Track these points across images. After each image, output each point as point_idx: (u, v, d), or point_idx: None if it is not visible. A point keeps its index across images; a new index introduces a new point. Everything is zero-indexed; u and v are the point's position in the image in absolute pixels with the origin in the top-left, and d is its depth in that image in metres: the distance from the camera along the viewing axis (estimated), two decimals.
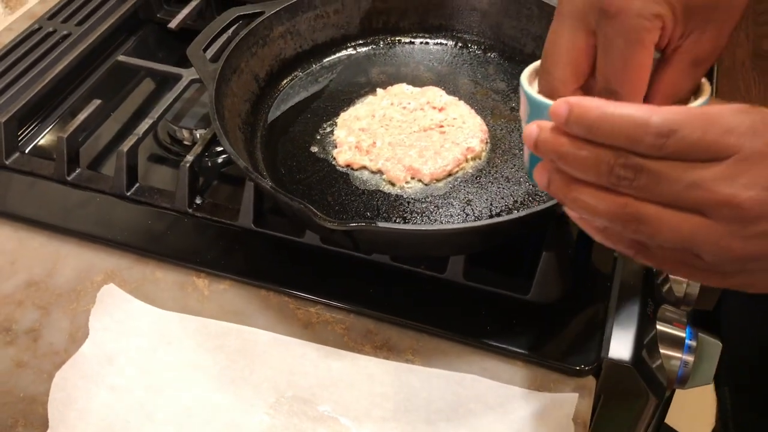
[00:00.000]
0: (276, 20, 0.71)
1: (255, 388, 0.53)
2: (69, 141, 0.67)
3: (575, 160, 0.38)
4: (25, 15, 0.88)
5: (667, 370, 0.57)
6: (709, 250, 0.37)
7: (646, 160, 0.36)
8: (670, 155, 0.36)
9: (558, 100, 0.38)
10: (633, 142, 0.36)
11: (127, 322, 0.57)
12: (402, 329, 0.57)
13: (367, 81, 0.74)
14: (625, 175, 0.37)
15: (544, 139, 0.39)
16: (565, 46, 0.44)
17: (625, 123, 0.36)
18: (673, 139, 0.35)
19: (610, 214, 0.38)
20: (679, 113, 0.36)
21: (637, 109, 0.36)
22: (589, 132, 0.37)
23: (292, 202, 0.52)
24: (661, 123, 0.35)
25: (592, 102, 0.37)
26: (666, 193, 0.36)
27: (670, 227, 0.37)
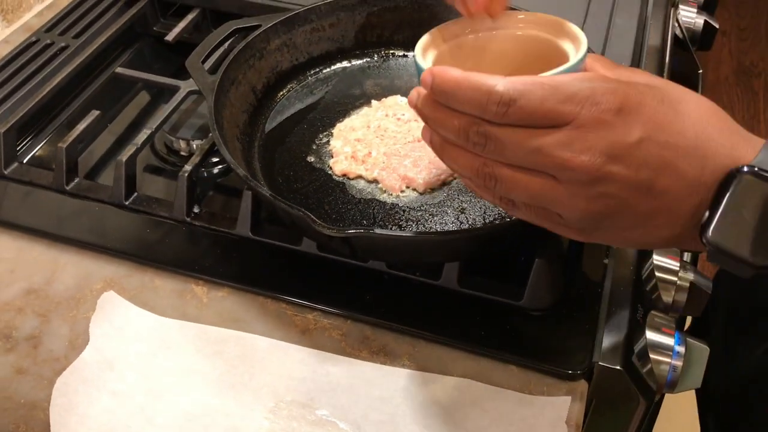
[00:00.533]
0: (273, 33, 0.73)
1: (254, 393, 0.54)
2: (68, 151, 0.68)
3: (440, 125, 0.42)
4: (22, 27, 0.89)
5: (657, 374, 0.58)
6: (560, 209, 0.41)
7: (492, 127, 0.40)
8: (513, 122, 0.39)
9: (426, 70, 0.42)
10: (481, 109, 0.39)
11: (127, 328, 0.58)
12: (398, 335, 0.58)
13: (362, 93, 0.75)
14: (477, 140, 0.41)
15: (420, 104, 0.43)
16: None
17: (474, 92, 0.39)
18: (514, 107, 0.39)
19: (472, 172, 0.42)
20: (522, 82, 0.39)
21: (485, 78, 0.39)
22: (448, 100, 0.41)
23: (292, 210, 0.53)
24: (503, 92, 0.39)
25: (450, 72, 0.40)
26: (512, 157, 0.40)
27: (522, 187, 0.41)
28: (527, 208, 0.43)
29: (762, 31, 2.57)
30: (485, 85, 0.39)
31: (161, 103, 0.84)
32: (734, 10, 2.60)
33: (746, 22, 2.59)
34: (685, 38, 0.92)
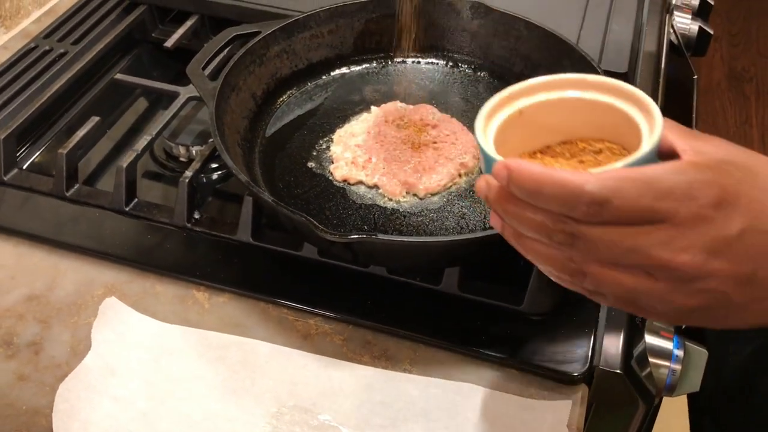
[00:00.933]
0: (272, 40, 0.73)
1: (256, 399, 0.54)
2: (68, 157, 0.68)
3: (519, 220, 0.40)
4: (20, 34, 0.89)
5: (656, 378, 0.59)
6: (655, 303, 0.39)
7: (582, 227, 0.37)
8: (606, 221, 0.37)
9: (499, 162, 0.39)
10: (569, 208, 0.37)
11: (129, 334, 0.58)
12: (399, 340, 0.59)
13: (361, 99, 0.76)
14: (564, 240, 0.38)
15: (491, 198, 0.41)
16: None
17: (559, 191, 0.37)
18: (608, 207, 0.36)
19: (556, 267, 0.40)
20: (613, 179, 0.36)
21: (571, 176, 0.37)
22: (528, 197, 0.38)
23: (294, 215, 0.53)
24: (596, 192, 0.36)
25: (531, 168, 0.38)
26: (605, 257, 0.38)
27: (614, 283, 0.39)
28: (616, 299, 0.40)
29: (753, 37, 2.59)
30: (573, 183, 0.37)
31: (159, 109, 0.84)
32: (725, 16, 2.63)
33: (737, 28, 2.62)
34: (680, 44, 0.93)
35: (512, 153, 0.46)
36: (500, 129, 0.45)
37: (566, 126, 0.47)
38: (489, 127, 0.45)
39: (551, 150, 0.47)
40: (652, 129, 0.42)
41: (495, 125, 0.45)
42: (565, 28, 0.75)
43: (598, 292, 0.40)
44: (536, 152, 0.47)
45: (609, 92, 0.45)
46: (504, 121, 0.45)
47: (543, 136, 0.47)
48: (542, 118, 0.46)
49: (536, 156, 0.47)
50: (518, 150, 0.47)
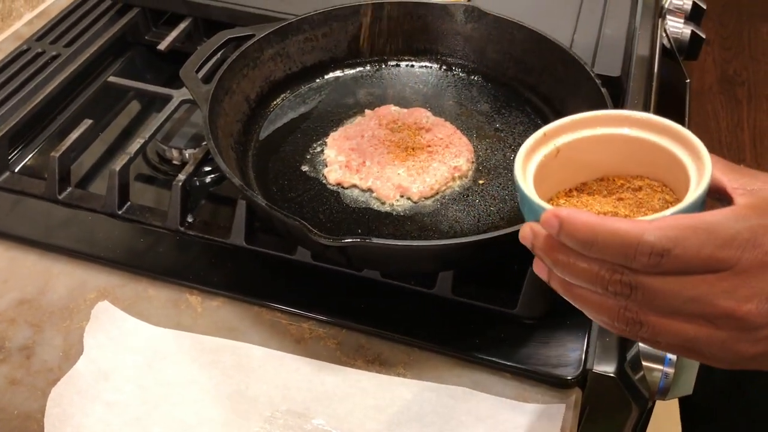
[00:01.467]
0: (266, 43, 0.73)
1: (250, 403, 0.54)
2: (61, 160, 0.68)
3: (570, 271, 0.38)
4: (12, 36, 0.89)
5: (649, 381, 0.59)
6: (716, 351, 0.38)
7: (641, 277, 0.36)
8: (666, 271, 0.36)
9: (548, 211, 0.38)
10: (627, 259, 0.36)
11: (122, 338, 0.58)
12: (393, 344, 0.59)
13: (355, 102, 0.76)
14: (620, 291, 0.37)
15: (538, 247, 0.39)
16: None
17: (617, 241, 0.36)
18: (668, 257, 0.35)
19: (610, 316, 0.39)
20: (672, 228, 0.35)
21: (628, 226, 0.36)
22: (582, 247, 0.37)
23: (288, 219, 0.53)
24: (655, 242, 0.35)
25: (582, 218, 0.37)
26: (665, 306, 0.37)
27: (672, 333, 0.38)
28: (674, 347, 0.39)
29: (745, 41, 2.60)
30: (631, 234, 0.35)
31: (152, 112, 0.84)
32: (717, 20, 2.64)
33: (729, 32, 2.63)
34: (672, 48, 0.94)
35: (549, 192, 0.46)
36: (538, 169, 0.44)
37: (603, 163, 0.46)
38: (527, 170, 0.44)
39: (588, 187, 0.47)
40: (701, 170, 0.41)
41: (533, 167, 0.44)
42: (559, 32, 0.76)
43: (654, 339, 0.39)
44: (572, 190, 0.47)
45: (649, 129, 0.45)
46: (541, 161, 0.45)
47: (580, 174, 0.47)
48: (579, 156, 0.46)
49: (572, 194, 0.46)
50: (555, 189, 0.46)
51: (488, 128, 0.73)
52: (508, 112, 0.74)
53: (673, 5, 0.99)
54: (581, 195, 0.46)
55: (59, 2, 0.95)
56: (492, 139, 0.72)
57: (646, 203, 0.44)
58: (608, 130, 0.45)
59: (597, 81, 0.67)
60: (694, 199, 0.39)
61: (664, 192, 0.45)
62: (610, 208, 0.44)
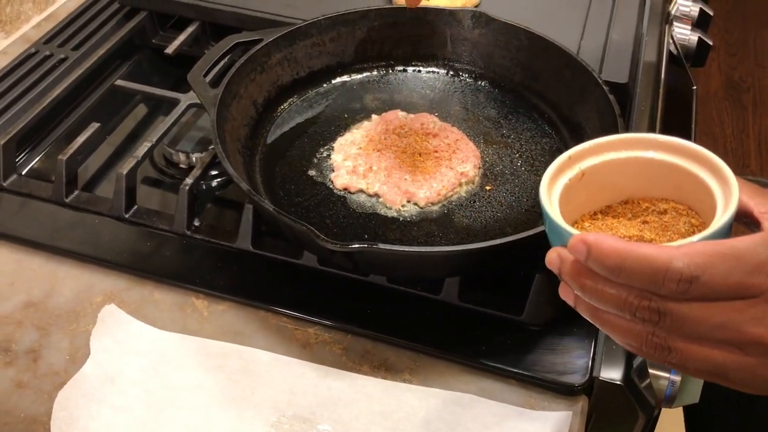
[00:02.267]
0: (274, 48, 0.73)
1: (256, 408, 0.54)
2: (68, 163, 0.68)
3: (598, 297, 0.38)
4: (20, 39, 0.89)
5: (656, 389, 0.59)
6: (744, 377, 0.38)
7: (669, 303, 0.36)
8: (694, 298, 0.36)
9: (575, 237, 0.38)
10: (655, 285, 0.36)
11: (128, 342, 0.58)
12: (399, 349, 0.59)
13: (362, 107, 0.76)
14: (649, 317, 0.37)
15: (566, 272, 0.39)
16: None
17: (645, 267, 0.36)
18: (697, 284, 0.35)
19: (638, 342, 0.39)
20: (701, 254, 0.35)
21: (657, 252, 0.36)
22: (610, 273, 0.37)
23: (295, 224, 0.53)
24: (684, 268, 0.35)
25: (610, 243, 0.36)
26: (693, 332, 0.37)
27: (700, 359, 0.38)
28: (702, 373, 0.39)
29: (750, 46, 2.60)
30: (659, 260, 0.35)
31: (159, 115, 0.84)
32: (723, 26, 2.64)
33: (735, 38, 2.63)
34: (679, 55, 0.94)
35: (573, 215, 0.46)
36: (563, 192, 0.45)
37: (628, 186, 0.46)
38: (553, 194, 0.44)
39: (613, 210, 0.47)
40: (728, 195, 0.41)
41: (558, 190, 0.45)
42: (566, 38, 0.76)
43: (682, 365, 0.39)
44: (597, 213, 0.47)
45: (675, 152, 0.45)
46: (566, 184, 0.45)
47: (604, 197, 0.47)
48: (604, 179, 0.46)
49: (597, 217, 0.47)
50: (579, 211, 0.47)
51: (495, 134, 0.73)
52: (515, 118, 0.74)
53: (680, 12, 0.99)
54: (606, 218, 0.46)
55: (67, 5, 0.95)
56: (499, 144, 0.72)
57: (672, 227, 0.44)
58: (633, 154, 0.46)
59: (604, 87, 0.67)
60: (721, 224, 0.39)
61: (689, 215, 0.45)
62: (636, 232, 0.44)
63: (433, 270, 0.58)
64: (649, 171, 0.46)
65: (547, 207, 0.43)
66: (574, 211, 0.46)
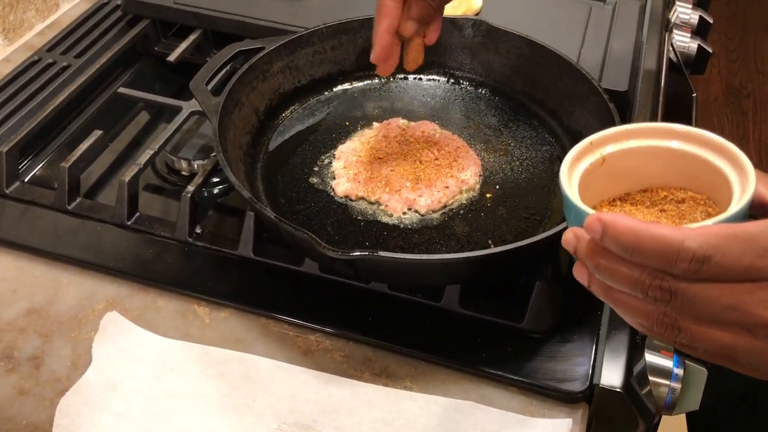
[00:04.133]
0: (276, 56, 0.73)
1: (257, 415, 0.54)
2: (71, 171, 0.69)
3: (611, 275, 0.39)
4: (23, 46, 0.90)
5: (656, 396, 0.59)
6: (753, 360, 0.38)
7: (680, 283, 0.37)
8: (706, 278, 0.36)
9: (592, 215, 0.38)
10: (668, 264, 0.36)
11: (130, 349, 0.58)
12: (400, 357, 0.59)
13: (363, 115, 0.76)
14: (660, 297, 0.38)
15: (581, 251, 0.40)
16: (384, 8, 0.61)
17: (659, 246, 0.36)
18: (709, 264, 0.36)
19: (649, 321, 0.39)
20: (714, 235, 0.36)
21: (671, 232, 0.36)
22: (624, 252, 0.38)
23: (296, 232, 0.54)
24: (696, 248, 0.36)
25: (626, 222, 0.37)
26: (703, 313, 0.37)
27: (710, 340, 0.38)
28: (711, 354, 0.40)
29: (750, 53, 2.60)
30: (673, 239, 0.36)
31: (161, 122, 0.84)
32: (723, 32, 2.64)
33: (735, 44, 2.63)
34: (679, 62, 0.94)
35: (592, 200, 0.46)
36: (583, 177, 0.45)
37: (648, 174, 0.47)
38: (573, 177, 0.45)
39: (631, 198, 0.48)
40: (745, 183, 0.42)
41: (578, 174, 0.45)
42: (566, 47, 0.76)
43: (691, 346, 0.39)
44: (615, 200, 0.48)
45: (695, 142, 0.45)
46: (586, 168, 0.46)
47: (623, 184, 0.47)
48: (624, 166, 0.46)
49: (615, 204, 0.47)
50: (598, 197, 0.47)
51: (496, 142, 0.73)
52: (515, 126, 0.75)
53: (680, 19, 0.99)
54: (624, 204, 0.47)
55: (70, 13, 0.96)
56: (499, 152, 0.72)
57: (689, 215, 0.45)
58: (654, 142, 0.46)
59: (604, 95, 0.67)
60: (737, 210, 0.40)
61: (707, 205, 0.45)
62: (653, 219, 0.45)
63: (434, 277, 0.59)
64: (670, 160, 0.46)
65: (566, 188, 0.43)
66: (593, 196, 0.46)
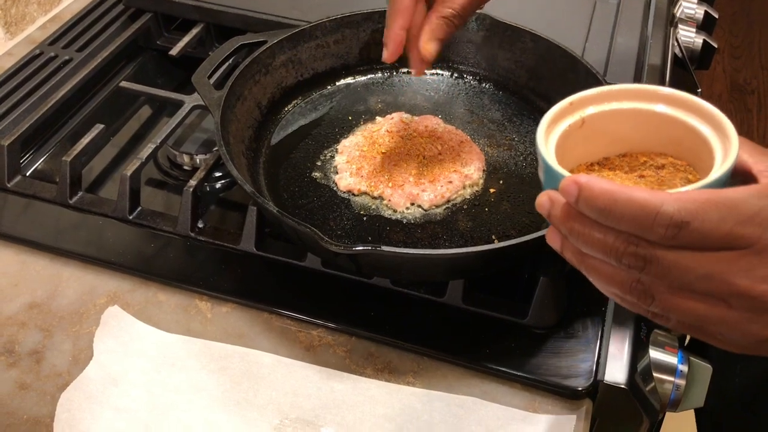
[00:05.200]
0: (278, 49, 0.73)
1: (259, 410, 0.54)
2: (72, 165, 0.68)
3: (585, 240, 0.37)
4: (25, 40, 0.89)
5: (660, 393, 0.58)
6: (726, 332, 0.37)
7: (656, 250, 0.35)
8: (683, 245, 0.35)
9: (568, 178, 0.37)
10: (644, 229, 0.35)
11: (132, 344, 0.58)
12: (402, 352, 0.58)
13: (366, 109, 0.76)
14: (635, 263, 0.36)
15: (555, 215, 0.38)
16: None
17: (635, 210, 0.35)
18: (686, 230, 0.34)
19: (621, 288, 0.38)
20: (693, 201, 0.34)
21: (648, 196, 0.35)
22: (599, 215, 0.36)
23: (299, 227, 0.53)
24: (674, 213, 0.34)
25: (602, 185, 0.36)
26: (678, 282, 0.36)
27: (683, 309, 0.37)
28: (683, 325, 0.38)
29: (755, 49, 2.59)
30: (650, 203, 0.34)
31: (163, 117, 0.84)
32: (728, 29, 2.63)
33: (739, 40, 2.62)
34: (684, 57, 0.93)
35: (570, 164, 0.44)
36: (560, 139, 0.43)
37: (628, 138, 0.45)
38: (550, 138, 0.43)
39: (610, 162, 0.46)
40: (728, 150, 0.40)
41: (556, 136, 0.43)
42: (571, 41, 0.75)
43: (665, 315, 0.38)
44: (594, 164, 0.46)
45: (680, 107, 0.43)
46: (564, 130, 0.44)
47: (603, 148, 0.45)
48: (604, 129, 0.44)
49: (593, 168, 0.45)
50: (576, 161, 0.45)
51: (499, 136, 0.73)
52: (519, 121, 0.74)
53: (685, 14, 0.98)
54: (602, 170, 0.45)
55: (72, 7, 0.95)
56: (503, 147, 0.71)
57: (668, 182, 0.43)
58: (638, 105, 0.44)
59: None
60: (716, 177, 0.38)
61: (687, 171, 0.43)
62: (631, 185, 0.43)
63: (437, 272, 0.58)
64: (651, 124, 0.44)
65: (543, 150, 0.41)
66: (571, 160, 0.44)
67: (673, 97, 0.44)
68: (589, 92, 0.45)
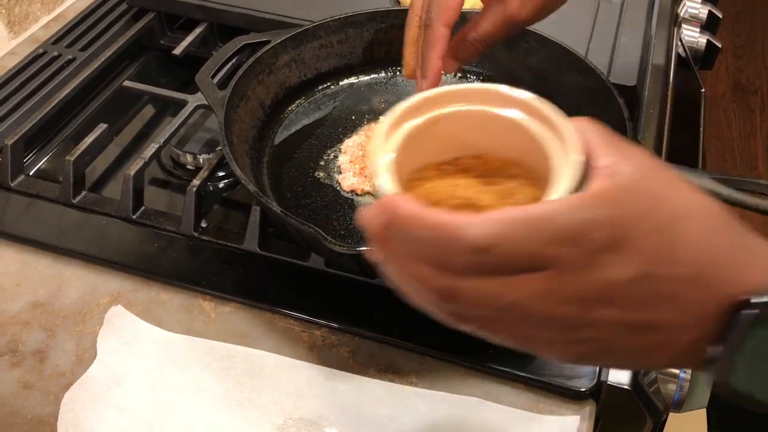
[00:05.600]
0: (282, 49, 0.73)
1: (262, 410, 0.54)
2: (75, 164, 0.68)
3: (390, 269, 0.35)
4: (28, 39, 0.90)
5: (664, 394, 0.58)
6: (545, 352, 0.36)
7: (459, 281, 0.32)
8: (489, 271, 0.32)
9: (380, 199, 0.33)
10: (449, 256, 0.32)
11: (135, 343, 0.58)
12: (406, 352, 0.58)
13: (369, 109, 0.76)
14: (437, 299, 0.34)
15: (370, 236, 0.35)
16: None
17: (438, 236, 0.32)
18: (493, 254, 0.31)
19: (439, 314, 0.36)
20: (496, 222, 0.31)
21: (450, 219, 0.32)
22: (404, 241, 0.33)
23: (302, 227, 0.53)
24: (477, 236, 0.31)
25: (402, 205, 0.32)
26: (483, 313, 0.33)
27: (502, 334, 0.35)
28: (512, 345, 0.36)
29: (758, 49, 2.59)
30: (450, 227, 0.31)
31: (166, 116, 0.84)
32: (731, 28, 2.63)
33: (742, 40, 2.62)
34: (688, 57, 0.93)
35: (419, 161, 0.41)
36: (406, 140, 0.39)
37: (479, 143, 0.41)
38: (390, 142, 0.38)
39: (461, 163, 0.41)
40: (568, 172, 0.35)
41: (397, 138, 0.39)
42: (574, 41, 0.75)
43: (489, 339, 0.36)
44: (443, 164, 0.41)
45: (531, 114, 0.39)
46: (410, 132, 0.39)
47: (453, 150, 0.41)
48: (452, 131, 0.40)
49: (443, 168, 0.41)
50: (426, 160, 0.41)
51: None
52: None
53: (689, 14, 0.98)
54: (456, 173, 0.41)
55: (75, 6, 0.95)
56: None
57: (515, 195, 0.39)
58: (488, 108, 0.40)
59: (613, 90, 0.67)
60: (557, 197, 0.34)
61: (538, 187, 0.37)
62: (473, 194, 0.39)
63: None
64: (503, 130, 0.40)
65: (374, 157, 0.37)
66: (420, 158, 0.40)
67: (526, 104, 0.40)
68: (435, 91, 0.41)
